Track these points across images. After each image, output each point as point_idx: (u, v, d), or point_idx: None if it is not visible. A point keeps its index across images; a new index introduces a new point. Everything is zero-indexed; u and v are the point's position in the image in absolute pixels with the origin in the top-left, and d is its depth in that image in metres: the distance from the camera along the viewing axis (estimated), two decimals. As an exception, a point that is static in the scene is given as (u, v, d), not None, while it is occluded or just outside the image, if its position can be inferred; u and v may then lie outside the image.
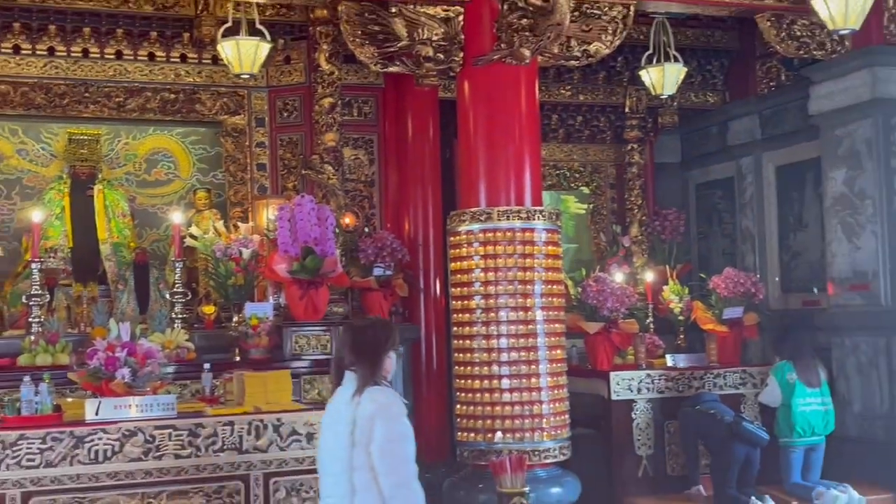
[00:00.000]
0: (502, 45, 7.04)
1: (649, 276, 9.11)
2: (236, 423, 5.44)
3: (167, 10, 8.92)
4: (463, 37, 7.30)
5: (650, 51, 9.07)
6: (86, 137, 9.33)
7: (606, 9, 7.43)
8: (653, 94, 9.33)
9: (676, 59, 9.01)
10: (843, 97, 8.17)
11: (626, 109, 10.82)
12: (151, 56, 9.14)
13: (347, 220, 8.73)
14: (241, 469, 5.42)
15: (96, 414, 5.23)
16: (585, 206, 11.25)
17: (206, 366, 6.32)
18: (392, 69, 7.66)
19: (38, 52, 8.82)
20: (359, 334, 4.09)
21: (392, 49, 7.39)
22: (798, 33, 8.13)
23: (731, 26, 10.52)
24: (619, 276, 8.58)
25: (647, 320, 8.70)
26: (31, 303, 7.00)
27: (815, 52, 8.26)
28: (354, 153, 9.49)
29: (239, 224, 8.20)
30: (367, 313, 8.50)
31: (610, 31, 7.60)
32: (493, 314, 6.99)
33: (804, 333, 7.82)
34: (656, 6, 8.02)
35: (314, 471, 5.55)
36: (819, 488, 7.17)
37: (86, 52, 8.94)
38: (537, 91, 7.35)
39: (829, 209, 8.38)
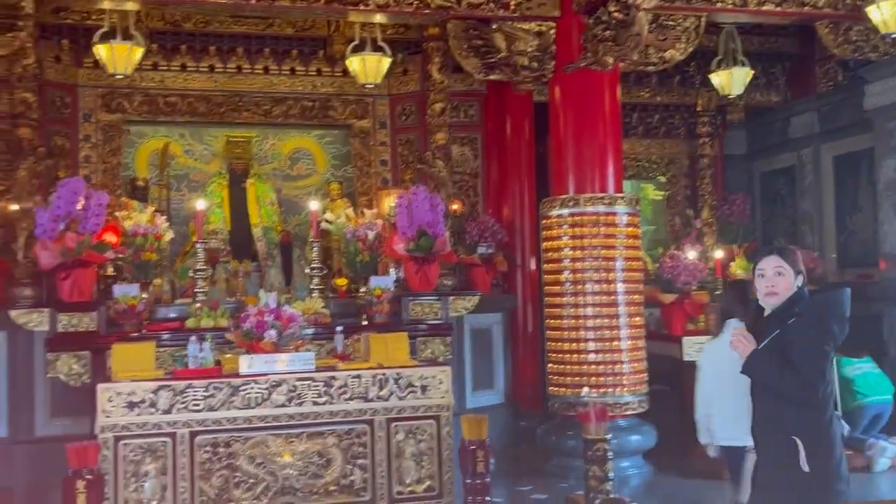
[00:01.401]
0: (588, 55, 6.93)
1: (719, 254, 8.85)
2: (363, 377, 5.52)
3: (305, 32, 9.06)
4: (554, 48, 7.21)
5: (720, 56, 8.81)
6: (240, 139, 9.50)
7: (681, 20, 7.24)
8: (722, 94, 9.07)
9: (743, 64, 8.76)
10: (895, 94, 7.85)
11: (698, 108, 10.54)
12: (293, 70, 9.27)
13: (455, 206, 8.72)
14: (366, 415, 5.50)
15: (249, 368, 5.37)
16: (662, 193, 11.02)
17: (339, 329, 6.41)
18: (493, 77, 7.64)
19: (200, 69, 9.03)
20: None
21: (493, 60, 7.36)
22: (854, 38, 7.78)
23: (792, 33, 10.11)
24: (691, 254, 8.35)
25: (717, 292, 8.46)
26: (196, 276, 7.20)
27: (869, 54, 7.91)
28: (461, 150, 9.48)
29: (365, 211, 8.26)
30: (472, 286, 8.50)
31: (683, 40, 7.40)
32: (580, 286, 6.92)
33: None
34: (725, 17, 7.75)
35: (429, 417, 5.62)
36: (871, 440, 6.90)
37: (239, 68, 9.13)
38: (619, 93, 7.21)
39: (882, 193, 8.11)
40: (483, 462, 5.29)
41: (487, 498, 5.32)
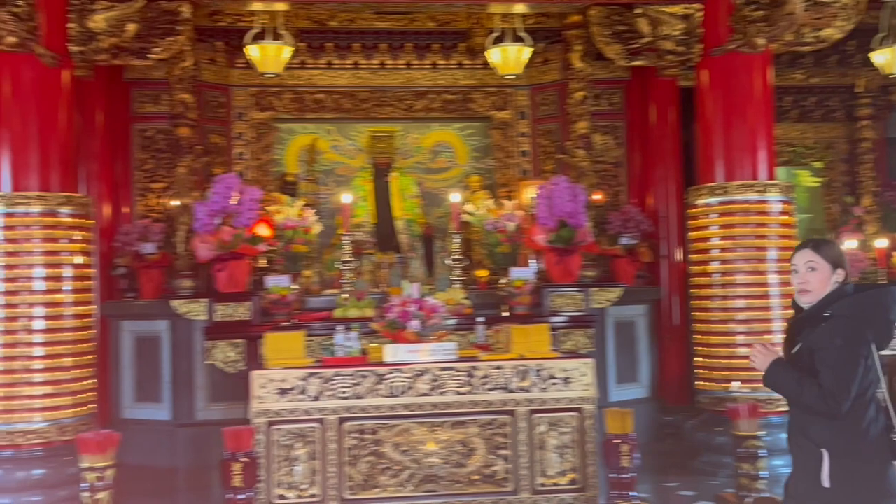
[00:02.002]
0: (738, 36, 6.68)
1: (881, 243, 8.34)
2: (505, 367, 5.53)
3: (446, 25, 9.13)
4: (701, 30, 6.98)
5: (883, 33, 8.26)
6: (384, 134, 9.67)
7: (838, -4, 6.86)
8: (885, 74, 8.51)
9: (908, 40, 8.18)
10: None
11: (859, 90, 9.96)
12: (434, 65, 9.37)
13: (597, 196, 8.59)
14: (508, 405, 5.50)
15: (393, 357, 5.47)
16: (818, 179, 10.47)
17: (480, 319, 6.45)
18: (636, 63, 7.47)
19: (345, 66, 9.26)
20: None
21: (636, 45, 7.19)
22: None
23: (965, 5, 9.38)
24: (851, 243, 7.92)
25: (879, 283, 7.99)
26: (343, 267, 7.42)
27: None
28: (603, 138, 9.31)
29: (505, 202, 8.27)
30: (615, 277, 8.35)
31: (842, 17, 7.01)
32: (729, 278, 6.70)
33: None
34: (888, -10, 7.29)
35: (572, 409, 5.57)
36: None
37: (382, 64, 9.31)
38: (771, 76, 6.91)
39: None
40: (628, 456, 5.19)
41: (632, 493, 5.23)
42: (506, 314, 7.15)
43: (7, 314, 5.96)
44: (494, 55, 7.89)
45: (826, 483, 3.12)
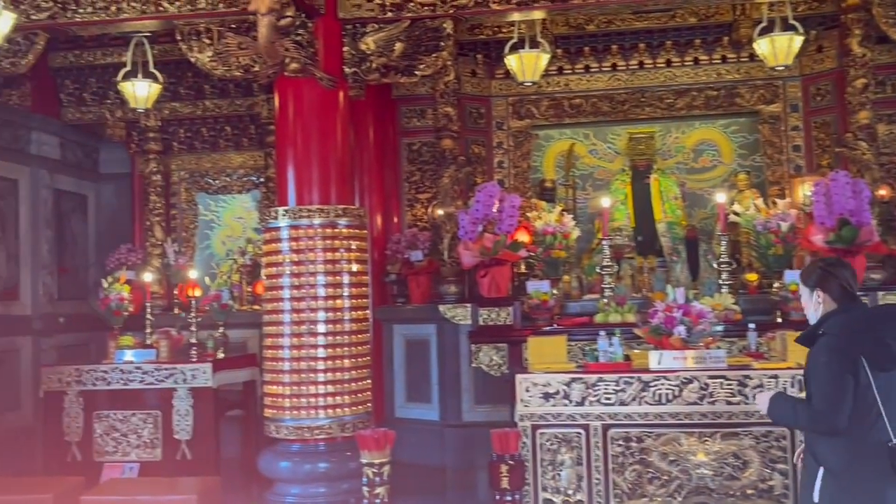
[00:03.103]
0: None
1: None
2: (780, 377, 5.21)
3: (708, 19, 8.80)
4: None
5: None
6: (643, 136, 9.52)
7: None
8: None
9: None
10: None
11: None
12: (696, 61, 9.09)
13: (883, 191, 7.87)
14: (785, 418, 5.17)
15: (658, 364, 5.34)
16: None
17: (751, 326, 6.14)
18: (927, 44, 6.77)
19: (603, 69, 9.23)
20: None
21: (926, 24, 6.53)
22: None
23: None
24: None
25: None
26: (603, 272, 7.37)
27: None
28: (888, 128, 8.53)
29: (777, 200, 7.81)
30: (906, 280, 7.62)
31: None
32: None
33: None
34: None
35: (856, 424, 5.14)
36: None
37: (641, 64, 9.17)
38: None
39: None
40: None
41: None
42: (779, 320, 6.75)
43: (294, 318, 6.48)
44: (762, 46, 7.48)
45: (816, 498, 3.28)
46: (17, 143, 8.67)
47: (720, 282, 7.10)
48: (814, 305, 3.45)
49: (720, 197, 7.41)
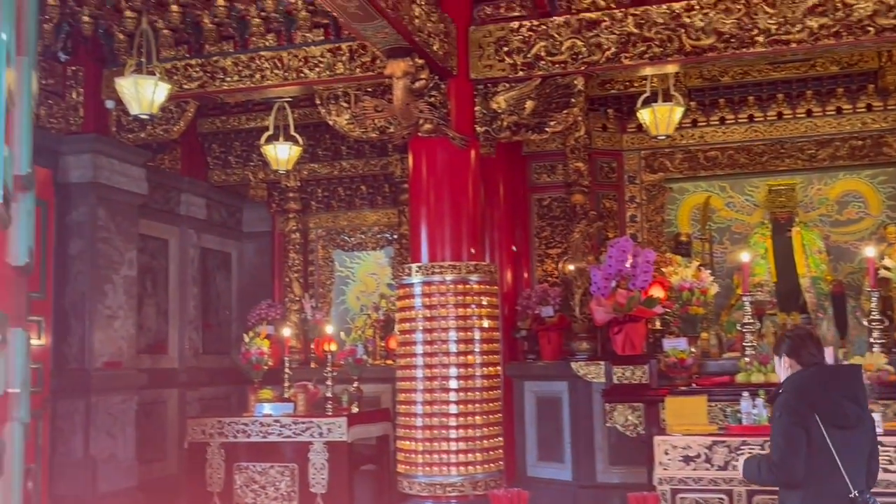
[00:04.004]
0: None
1: None
2: (943, 444, 4.86)
3: (851, 68, 8.48)
4: None
5: None
6: (783, 188, 9.22)
7: None
8: None
9: None
10: None
11: None
12: (838, 110, 8.79)
13: None
14: (951, 489, 4.81)
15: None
16: None
17: (907, 388, 5.77)
18: None
19: (739, 121, 9.04)
20: None
21: None
22: None
23: None
24: None
25: None
26: (744, 329, 7.10)
27: None
28: None
29: (933, 255, 7.37)
30: None
31: None
32: None
33: None
34: None
35: None
36: None
37: (780, 115, 8.93)
38: None
39: None
40: None
41: None
42: (940, 382, 6.29)
43: (426, 374, 6.53)
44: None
45: None
46: (168, 204, 9.21)
47: (871, 340, 6.71)
48: (784, 371, 3.81)
49: (869, 251, 7.05)
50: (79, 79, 7.76)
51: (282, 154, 8.27)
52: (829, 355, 5.22)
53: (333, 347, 7.99)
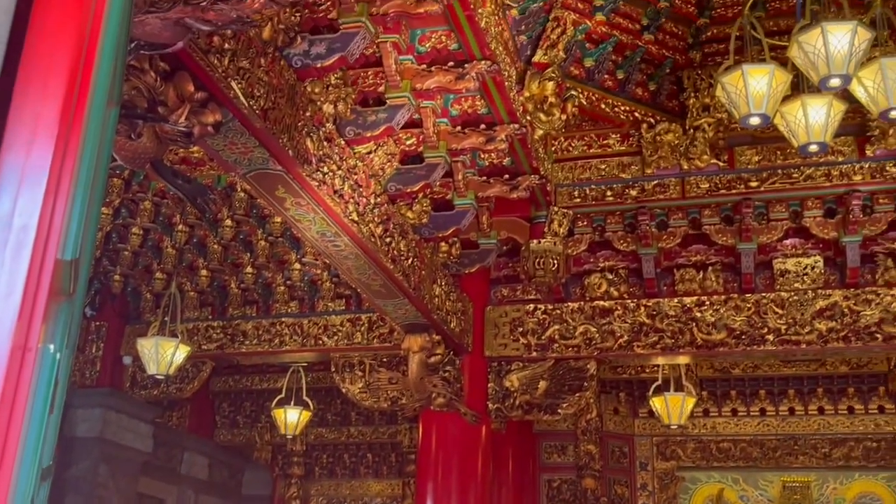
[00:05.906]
0: None
1: None
2: None
3: (860, 369, 8.59)
4: None
5: None
6: (798, 484, 9.01)
7: None
8: None
9: None
10: None
11: None
12: (850, 409, 8.82)
13: None
14: None
15: None
16: None
17: None
18: None
19: (751, 413, 9.03)
20: None
21: None
22: None
23: None
24: None
25: None
26: None
27: None
28: None
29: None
30: None
31: None
32: None
33: None
34: None
35: None
36: None
37: (791, 411, 8.94)
38: None
39: None
40: None
41: None
42: None
43: None
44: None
45: None
46: (169, 462, 9.03)
47: None
48: None
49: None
50: (101, 334, 7.93)
51: (291, 418, 8.25)
52: None
53: None
